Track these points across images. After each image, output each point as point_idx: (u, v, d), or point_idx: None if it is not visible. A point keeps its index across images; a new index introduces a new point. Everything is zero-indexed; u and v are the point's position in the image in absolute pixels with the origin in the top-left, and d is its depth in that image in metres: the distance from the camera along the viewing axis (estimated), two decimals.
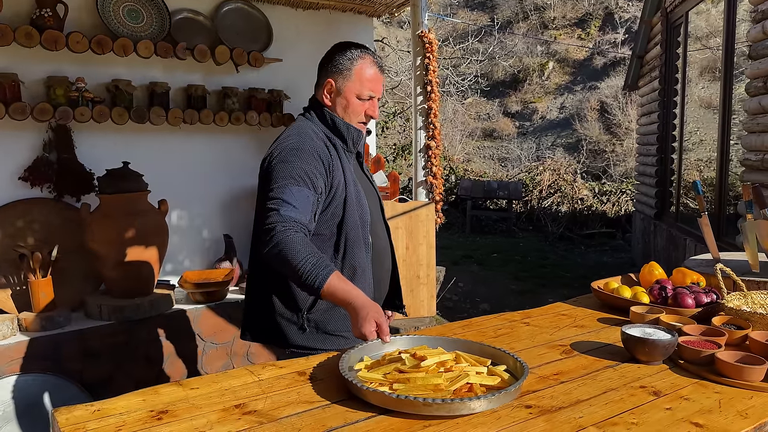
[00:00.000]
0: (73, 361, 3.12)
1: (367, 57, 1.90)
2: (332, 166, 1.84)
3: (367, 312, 1.57)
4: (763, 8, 4.38)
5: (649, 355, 1.51)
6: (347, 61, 1.89)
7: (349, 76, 1.89)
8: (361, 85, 1.88)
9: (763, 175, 4.37)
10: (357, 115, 1.92)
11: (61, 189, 3.48)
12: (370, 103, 1.92)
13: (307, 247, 1.64)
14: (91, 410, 1.28)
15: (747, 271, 2.29)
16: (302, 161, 1.76)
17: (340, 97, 1.92)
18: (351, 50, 1.90)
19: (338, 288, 1.61)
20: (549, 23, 20.31)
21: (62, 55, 3.41)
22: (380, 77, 1.92)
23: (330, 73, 1.93)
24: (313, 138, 1.86)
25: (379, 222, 2.01)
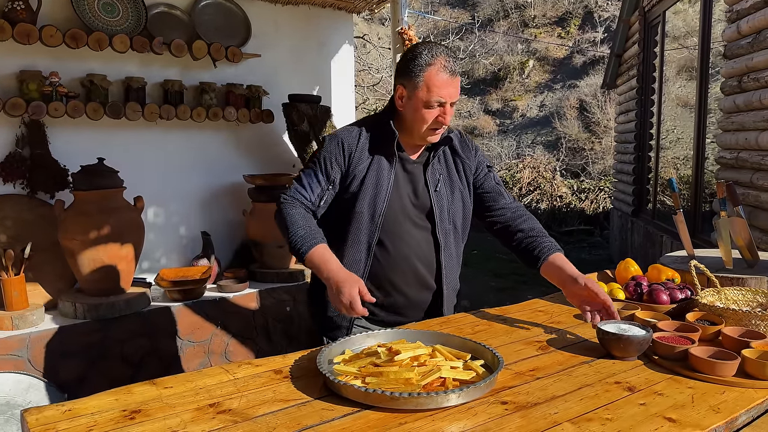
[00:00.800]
0: (47, 360, 3.08)
1: (437, 62, 1.81)
2: (356, 159, 1.89)
3: (340, 286, 1.67)
4: (738, 8, 4.44)
5: (624, 351, 1.52)
6: (416, 68, 1.82)
7: (417, 84, 1.82)
8: (429, 93, 1.81)
9: (737, 173, 4.44)
10: (424, 122, 1.85)
11: (34, 185, 3.43)
12: (440, 109, 1.84)
13: (302, 220, 1.81)
14: (62, 410, 1.25)
15: (721, 267, 2.32)
16: (327, 149, 1.91)
17: (410, 103, 1.86)
18: (423, 53, 1.82)
19: (317, 260, 1.76)
20: (529, 21, 20.43)
21: (35, 49, 3.35)
22: (451, 81, 1.82)
23: (401, 77, 1.88)
24: (356, 130, 1.95)
25: (414, 229, 1.94)
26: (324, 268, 1.74)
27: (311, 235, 1.78)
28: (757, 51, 4.15)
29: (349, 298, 1.66)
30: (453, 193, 2.00)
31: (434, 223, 1.95)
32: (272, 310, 3.88)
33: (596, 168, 14.44)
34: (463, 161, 2.04)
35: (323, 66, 4.74)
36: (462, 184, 2.03)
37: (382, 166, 1.91)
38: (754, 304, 1.84)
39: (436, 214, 1.95)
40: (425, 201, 1.95)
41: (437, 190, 1.96)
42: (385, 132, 1.90)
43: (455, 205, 2.00)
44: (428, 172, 1.96)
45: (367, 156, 1.90)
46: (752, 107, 4.23)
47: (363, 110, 12.94)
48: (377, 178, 1.89)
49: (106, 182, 3.29)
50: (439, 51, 1.83)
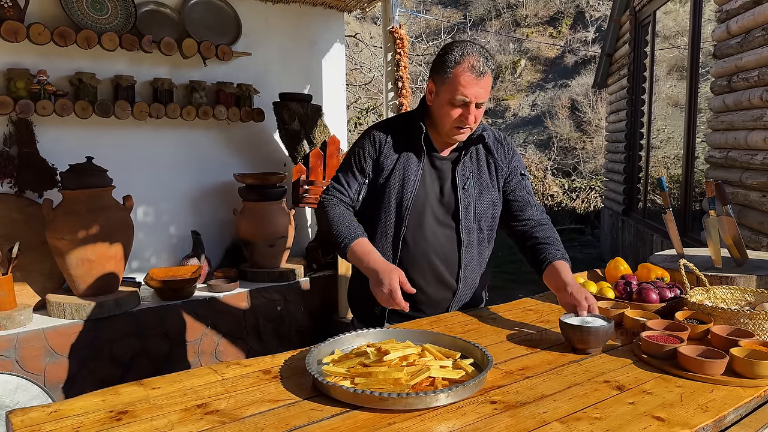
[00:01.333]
0: (35, 361, 3.05)
1: (465, 61, 1.79)
2: (386, 151, 1.94)
3: (380, 276, 1.73)
4: (728, 8, 4.46)
5: (584, 343, 1.53)
6: (447, 63, 1.81)
7: (446, 79, 1.81)
8: (454, 90, 1.79)
9: (726, 172, 4.46)
10: (449, 119, 1.84)
11: (22, 184, 3.40)
12: (465, 109, 1.82)
13: (342, 217, 1.90)
14: (48, 411, 1.24)
15: (710, 266, 2.33)
16: (359, 144, 1.98)
17: (437, 99, 1.87)
18: (454, 51, 1.81)
19: (358, 252, 1.82)
20: (521, 21, 20.48)
21: (23, 47, 3.32)
22: (478, 81, 1.79)
23: (433, 72, 1.88)
24: (387, 125, 2.00)
25: (436, 226, 1.94)
26: (365, 260, 1.79)
27: (352, 230, 1.85)
28: (747, 51, 4.18)
29: (390, 287, 1.70)
30: (481, 193, 1.98)
31: (458, 221, 1.94)
32: (263, 310, 3.87)
33: (587, 167, 14.50)
34: (496, 162, 2.02)
35: (314, 64, 4.73)
36: (492, 185, 2.01)
37: (411, 160, 1.93)
38: (743, 303, 1.85)
39: (461, 212, 1.94)
40: (451, 198, 1.95)
41: (465, 188, 1.95)
42: (414, 127, 1.93)
43: (483, 206, 1.98)
44: (458, 169, 1.95)
45: (397, 150, 1.94)
46: (741, 107, 4.25)
47: (354, 109, 12.92)
48: (404, 171, 1.92)
49: (95, 181, 3.27)
50: (471, 50, 1.81)
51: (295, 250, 4.44)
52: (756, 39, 4.00)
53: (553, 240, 1.99)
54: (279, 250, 4.10)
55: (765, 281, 2.17)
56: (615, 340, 1.67)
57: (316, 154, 4.16)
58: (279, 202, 4.10)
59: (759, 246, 3.83)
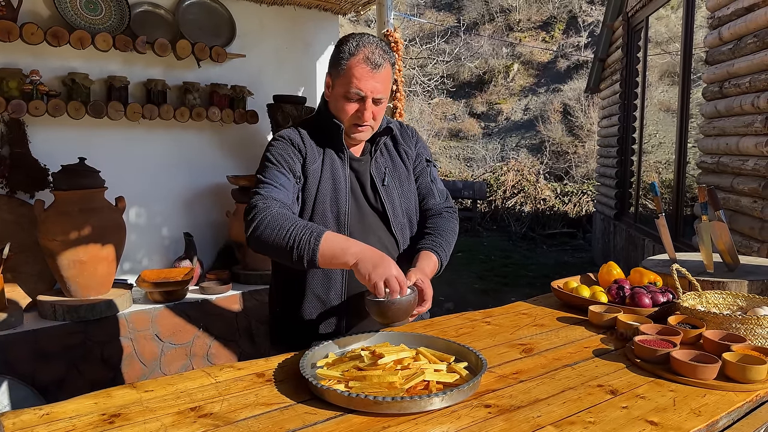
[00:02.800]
0: (26, 363, 3.03)
1: (360, 52, 1.68)
2: (307, 155, 1.77)
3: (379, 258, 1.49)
4: (720, 15, 4.49)
5: (384, 317, 1.49)
6: (341, 56, 1.71)
7: (341, 72, 1.71)
8: (348, 83, 1.69)
9: (718, 178, 4.49)
10: (345, 115, 1.74)
11: (14, 185, 3.38)
12: (362, 104, 1.71)
13: (292, 219, 1.58)
14: (40, 414, 1.23)
15: (702, 271, 2.34)
16: (280, 148, 1.76)
17: (333, 94, 1.77)
18: (348, 43, 1.71)
19: (335, 241, 1.53)
20: (514, 25, 20.54)
21: (16, 47, 3.30)
22: (373, 74, 1.68)
23: (329, 66, 1.78)
24: (297, 127, 1.83)
25: (372, 230, 1.82)
26: (349, 245, 1.53)
27: (313, 225, 1.57)
28: (738, 57, 4.21)
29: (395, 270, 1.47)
30: (402, 186, 1.90)
31: (388, 220, 1.84)
32: (255, 312, 3.86)
33: (579, 171, 14.55)
34: (405, 150, 1.95)
35: (308, 67, 4.73)
36: (409, 175, 1.93)
37: (335, 164, 1.79)
38: (735, 308, 1.86)
39: (388, 210, 1.83)
40: (376, 199, 1.84)
41: (385, 185, 1.85)
42: (332, 127, 1.78)
43: (407, 199, 1.90)
44: (372, 167, 1.85)
45: (319, 154, 1.79)
46: (733, 113, 4.29)
47: None
48: (333, 177, 1.78)
49: (87, 182, 3.25)
50: (367, 42, 1.71)
51: None
52: (748, 45, 4.03)
53: (437, 229, 1.89)
54: None
55: (757, 286, 2.18)
56: (608, 345, 1.68)
57: None
58: None
59: (750, 251, 3.86)
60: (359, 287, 1.70)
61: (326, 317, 1.81)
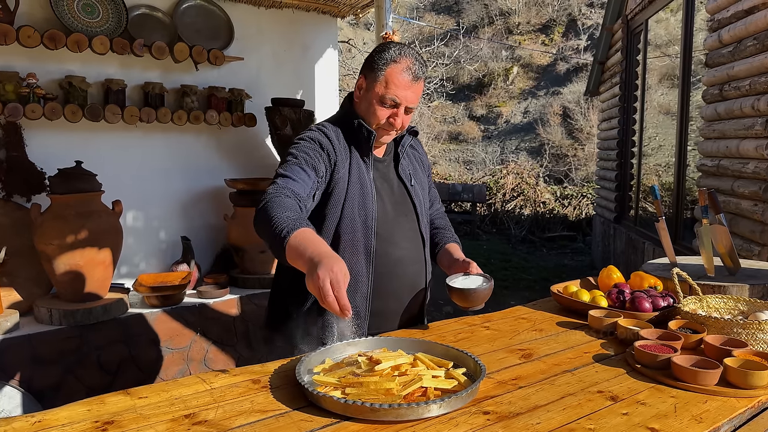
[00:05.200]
0: (22, 368, 3.01)
1: (402, 61, 1.76)
2: (336, 160, 1.79)
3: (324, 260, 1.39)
4: (719, 17, 4.48)
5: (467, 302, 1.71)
6: (381, 61, 1.77)
7: (378, 77, 1.77)
8: (386, 89, 1.76)
9: (718, 181, 4.47)
10: (376, 119, 1.80)
11: (10, 188, 3.36)
12: (394, 110, 1.78)
13: (288, 207, 1.56)
14: (31, 422, 1.21)
15: (703, 275, 2.33)
16: (305, 146, 1.78)
17: (366, 96, 1.82)
18: (390, 50, 1.78)
19: (301, 240, 1.46)
20: (514, 29, 20.56)
21: (12, 50, 3.29)
22: (411, 85, 1.77)
23: (365, 68, 1.83)
24: (324, 129, 1.84)
25: (401, 231, 1.87)
26: (309, 247, 1.44)
27: (297, 220, 1.51)
28: (738, 60, 4.20)
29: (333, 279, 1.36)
30: (423, 189, 2.02)
31: (418, 218, 1.92)
32: (253, 317, 3.84)
33: (579, 174, 14.55)
34: (420, 158, 2.08)
35: (307, 70, 4.72)
36: (425, 179, 2.07)
37: (361, 167, 1.83)
38: (736, 312, 1.84)
39: (417, 209, 1.92)
40: (404, 198, 1.91)
41: (413, 185, 1.95)
42: (358, 132, 1.83)
43: (425, 199, 2.03)
44: (399, 167, 1.94)
45: (346, 158, 1.82)
46: (733, 115, 4.27)
47: None
48: (360, 181, 1.81)
49: (84, 186, 3.24)
50: (409, 53, 1.79)
51: None
52: (747, 48, 4.02)
53: (447, 227, 2.13)
54: (270, 257, 4.07)
55: (758, 290, 2.16)
56: (608, 350, 1.66)
57: None
58: None
59: (751, 255, 3.84)
60: (384, 290, 1.83)
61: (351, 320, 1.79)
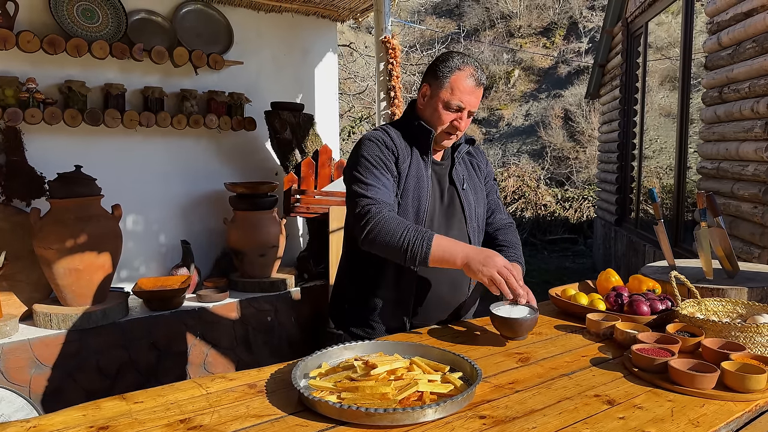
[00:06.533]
0: (21, 372, 3.01)
1: (466, 69, 1.87)
2: (398, 156, 1.90)
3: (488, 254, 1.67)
4: (719, 20, 4.48)
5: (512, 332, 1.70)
6: (446, 69, 1.88)
7: (443, 84, 1.88)
8: (451, 95, 1.87)
9: (718, 183, 4.47)
10: (442, 123, 1.90)
11: (9, 193, 3.37)
12: (458, 114, 1.89)
13: (403, 224, 1.75)
14: (27, 427, 1.21)
15: (701, 278, 2.32)
16: (375, 148, 1.89)
17: (431, 102, 1.91)
18: (454, 59, 1.89)
19: (445, 245, 1.71)
20: (515, 32, 20.58)
21: (12, 55, 3.30)
22: (475, 90, 1.88)
23: (428, 77, 1.93)
24: (386, 129, 1.96)
25: (448, 231, 1.95)
26: (458, 246, 1.71)
27: (420, 233, 1.72)
28: (738, 62, 4.20)
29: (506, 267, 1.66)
30: (476, 195, 2.06)
31: (465, 221, 1.99)
32: (253, 321, 3.84)
33: (580, 177, 14.54)
34: (478, 164, 2.13)
35: (306, 74, 4.73)
36: (481, 186, 2.11)
37: (420, 165, 1.94)
38: (734, 316, 1.84)
39: (466, 212, 1.99)
40: (455, 201, 1.99)
41: (464, 189, 2.01)
42: (419, 133, 1.94)
43: (478, 205, 2.06)
44: (454, 171, 2.01)
45: (408, 154, 1.93)
46: (733, 118, 4.27)
47: (348, 118, 12.93)
48: (417, 176, 1.92)
49: (83, 190, 3.24)
50: (471, 61, 1.90)
51: (285, 260, 4.42)
52: (747, 51, 4.02)
53: (512, 243, 2.10)
54: (270, 260, 4.07)
55: (756, 293, 2.16)
56: (606, 353, 1.66)
57: (308, 163, 4.14)
58: (270, 212, 4.07)
59: (750, 257, 3.83)
60: (426, 282, 1.91)
61: (395, 310, 1.92)
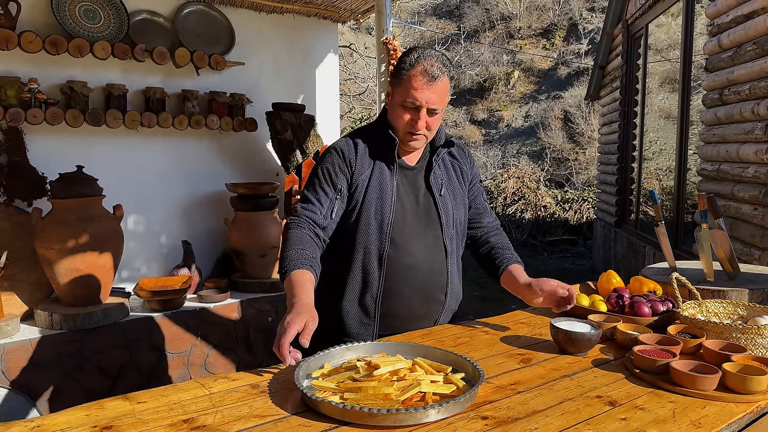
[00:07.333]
0: (22, 372, 3.01)
1: (421, 64, 1.77)
2: (356, 166, 1.86)
3: (289, 316, 1.50)
4: (719, 22, 4.49)
5: (576, 348, 1.64)
6: (403, 67, 1.80)
7: (400, 83, 1.80)
8: (406, 92, 1.78)
9: (718, 185, 4.47)
10: (401, 122, 1.83)
11: (11, 193, 3.37)
12: (416, 113, 1.79)
13: (298, 242, 1.74)
14: (30, 426, 1.21)
15: (702, 279, 2.33)
16: (326, 161, 1.88)
17: (392, 102, 1.85)
18: (410, 55, 1.80)
19: (293, 281, 1.64)
20: (515, 33, 20.58)
21: (14, 55, 3.30)
22: (429, 86, 1.76)
23: (392, 75, 1.87)
24: (352, 137, 1.92)
25: (419, 239, 1.88)
26: (295, 292, 1.60)
27: (300, 258, 1.69)
28: (738, 64, 4.20)
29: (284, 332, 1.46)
30: (455, 199, 1.98)
31: (441, 228, 1.92)
32: (254, 321, 3.84)
33: (580, 178, 14.54)
34: (462, 167, 2.04)
35: (308, 74, 4.73)
36: (462, 191, 2.02)
37: (384, 173, 1.87)
38: (735, 317, 1.84)
39: (442, 219, 1.92)
40: (430, 207, 1.92)
41: (441, 195, 1.94)
42: (383, 139, 1.88)
43: (458, 211, 1.98)
44: (431, 177, 1.94)
45: (369, 164, 1.87)
46: (733, 120, 4.27)
47: (348, 119, 12.93)
48: (380, 186, 1.86)
49: (85, 190, 3.24)
50: (428, 55, 1.80)
51: None
52: (747, 53, 4.02)
53: (507, 245, 2.04)
54: (270, 261, 4.07)
55: (757, 295, 2.16)
56: (607, 354, 1.66)
57: (309, 164, 4.15)
58: (271, 212, 4.08)
59: (751, 259, 3.84)
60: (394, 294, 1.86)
61: (361, 320, 1.89)
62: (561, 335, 1.65)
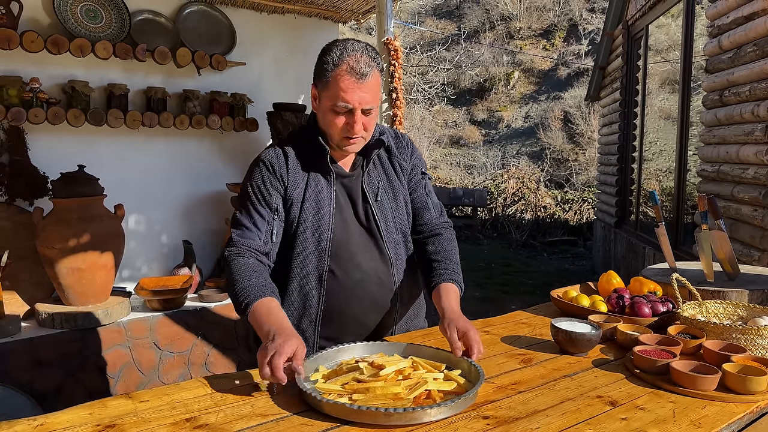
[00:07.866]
0: (23, 371, 3.02)
1: (345, 62, 1.58)
2: (288, 181, 1.70)
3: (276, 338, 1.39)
4: (720, 23, 4.49)
5: (576, 348, 1.65)
6: (326, 66, 1.62)
7: (326, 85, 1.62)
8: (335, 96, 1.60)
9: (718, 186, 4.48)
10: (334, 128, 1.64)
11: (13, 192, 3.37)
12: (350, 116, 1.61)
13: (247, 271, 1.59)
14: (34, 425, 1.22)
15: (702, 280, 2.33)
16: (259, 179, 1.70)
17: (320, 106, 1.67)
18: (332, 52, 1.61)
19: (259, 312, 1.50)
20: (515, 33, 20.60)
21: (16, 55, 3.31)
22: (359, 85, 1.59)
23: (314, 77, 1.69)
24: (280, 149, 1.74)
25: (364, 251, 1.75)
26: (267, 320, 1.46)
27: (258, 287, 1.55)
28: (738, 66, 4.21)
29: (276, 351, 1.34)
30: (396, 200, 1.81)
31: (381, 237, 1.76)
32: None
33: (580, 179, 14.55)
34: (400, 162, 1.85)
35: (309, 75, 4.69)
36: (403, 188, 1.85)
37: (320, 186, 1.72)
38: (735, 318, 1.85)
39: (381, 227, 1.76)
40: (368, 215, 1.76)
41: (378, 200, 1.77)
42: (316, 147, 1.70)
43: (400, 213, 1.82)
44: (365, 181, 1.77)
45: (302, 177, 1.71)
46: (733, 121, 4.28)
47: None
48: (317, 200, 1.70)
49: (86, 190, 3.25)
50: (352, 50, 1.61)
51: None
52: (747, 54, 4.03)
53: (445, 254, 1.82)
54: None
55: (757, 296, 2.17)
56: (608, 355, 1.67)
57: None
58: None
59: (751, 260, 3.84)
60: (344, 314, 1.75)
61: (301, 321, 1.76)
62: (561, 335, 1.66)
